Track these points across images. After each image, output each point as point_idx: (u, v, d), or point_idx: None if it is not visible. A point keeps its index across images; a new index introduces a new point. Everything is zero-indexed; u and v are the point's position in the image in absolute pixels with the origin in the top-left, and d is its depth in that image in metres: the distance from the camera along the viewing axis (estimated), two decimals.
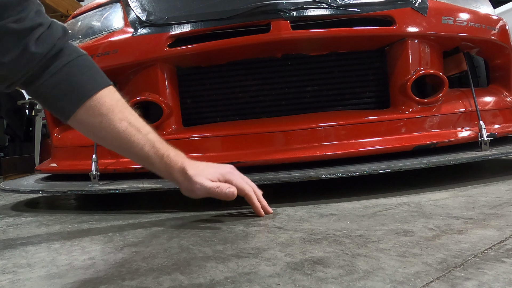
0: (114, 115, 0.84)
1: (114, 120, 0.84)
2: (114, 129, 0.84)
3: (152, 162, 0.89)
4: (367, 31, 1.30)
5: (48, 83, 0.82)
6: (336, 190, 1.25)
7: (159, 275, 0.61)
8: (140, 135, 0.87)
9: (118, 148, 0.90)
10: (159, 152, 0.89)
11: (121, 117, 0.85)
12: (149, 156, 0.88)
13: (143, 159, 0.90)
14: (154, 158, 0.89)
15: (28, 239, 0.92)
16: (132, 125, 0.87)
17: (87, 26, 1.48)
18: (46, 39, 0.80)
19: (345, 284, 0.53)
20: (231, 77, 1.40)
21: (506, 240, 0.66)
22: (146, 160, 0.89)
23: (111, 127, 0.84)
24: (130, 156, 0.91)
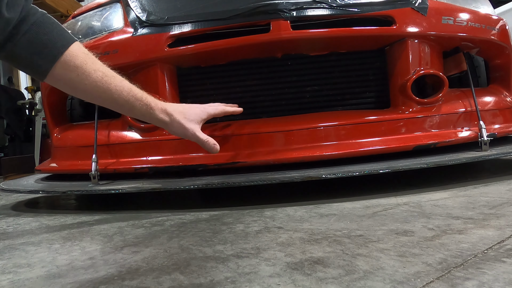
0: (88, 66, 0.86)
1: (89, 71, 0.86)
2: (91, 80, 0.87)
3: (133, 106, 0.93)
4: (367, 31, 1.30)
5: (22, 44, 0.84)
6: (336, 190, 1.25)
7: (159, 275, 0.61)
8: (116, 81, 0.91)
9: (99, 98, 0.92)
10: (137, 95, 0.94)
11: (95, 68, 0.88)
12: (129, 100, 0.92)
13: (123, 105, 0.93)
14: (134, 101, 0.93)
15: (28, 239, 0.92)
16: (106, 74, 0.90)
17: (87, 26, 1.48)
18: (15, 2, 0.82)
19: (345, 284, 0.53)
20: (231, 77, 1.40)
21: (506, 240, 0.66)
22: (126, 105, 0.93)
23: (88, 78, 0.86)
24: (111, 104, 0.93)
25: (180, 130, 1.02)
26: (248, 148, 1.26)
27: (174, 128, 1.02)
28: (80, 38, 1.46)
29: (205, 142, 1.04)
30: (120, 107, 0.95)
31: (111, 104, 0.94)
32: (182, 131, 1.02)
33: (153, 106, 0.97)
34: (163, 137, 1.32)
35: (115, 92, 0.90)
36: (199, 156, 1.28)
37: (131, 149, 1.34)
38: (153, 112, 0.97)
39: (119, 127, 1.38)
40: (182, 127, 1.02)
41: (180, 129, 1.02)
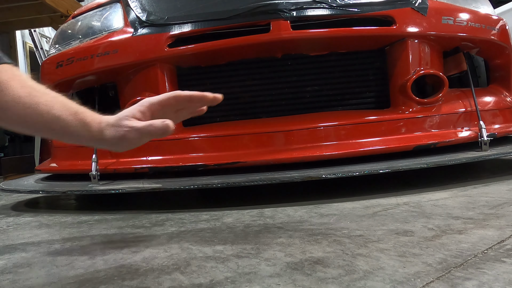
0: (14, 82, 0.72)
1: (14, 87, 0.72)
2: (13, 94, 0.72)
3: (66, 124, 0.73)
4: (367, 31, 1.30)
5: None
6: (336, 190, 1.24)
7: (159, 275, 0.61)
8: (48, 96, 0.74)
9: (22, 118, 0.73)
10: (71, 109, 0.74)
11: (23, 84, 0.73)
12: (61, 116, 0.73)
13: (53, 122, 0.73)
14: (67, 117, 0.73)
15: (28, 239, 0.92)
16: (38, 90, 0.74)
17: (87, 26, 1.48)
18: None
19: (345, 284, 0.53)
20: (231, 77, 1.40)
21: (506, 240, 0.66)
22: (57, 122, 0.73)
23: (12, 93, 0.72)
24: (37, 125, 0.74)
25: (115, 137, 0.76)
26: (248, 148, 1.26)
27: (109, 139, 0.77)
28: (80, 38, 1.46)
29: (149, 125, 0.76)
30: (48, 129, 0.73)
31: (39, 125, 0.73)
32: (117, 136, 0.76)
33: (90, 122, 0.75)
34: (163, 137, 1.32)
35: (44, 108, 0.72)
36: (199, 156, 1.28)
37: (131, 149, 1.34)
38: (89, 129, 0.75)
39: None
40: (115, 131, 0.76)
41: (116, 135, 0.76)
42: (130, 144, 0.77)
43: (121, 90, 1.41)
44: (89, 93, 1.52)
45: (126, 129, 0.76)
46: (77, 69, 1.39)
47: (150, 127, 0.75)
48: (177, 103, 0.81)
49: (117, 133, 0.76)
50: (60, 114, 0.73)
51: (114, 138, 0.76)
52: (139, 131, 0.76)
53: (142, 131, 0.75)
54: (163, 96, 0.80)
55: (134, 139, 0.76)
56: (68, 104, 0.75)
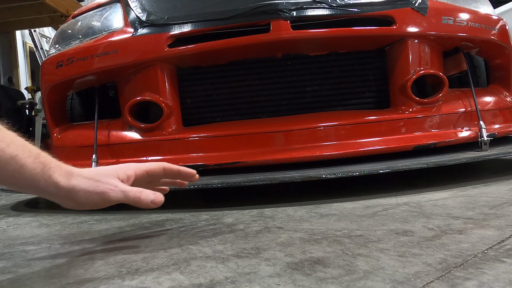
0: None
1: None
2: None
3: (22, 164, 0.61)
4: (367, 31, 1.30)
5: None
6: (336, 190, 1.24)
7: (159, 275, 0.61)
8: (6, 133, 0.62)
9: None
10: (33, 151, 0.64)
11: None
12: (18, 156, 0.61)
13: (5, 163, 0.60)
14: (25, 158, 0.62)
15: (28, 239, 0.92)
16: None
17: (87, 26, 1.48)
18: None
19: (345, 284, 0.53)
20: (231, 77, 1.40)
21: (506, 240, 0.66)
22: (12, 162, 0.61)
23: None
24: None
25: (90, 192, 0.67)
26: (248, 148, 1.26)
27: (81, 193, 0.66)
28: (80, 38, 1.46)
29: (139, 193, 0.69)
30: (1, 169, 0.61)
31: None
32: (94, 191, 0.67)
33: (52, 167, 0.64)
34: (163, 137, 1.32)
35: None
36: (199, 156, 1.28)
37: (131, 149, 1.34)
38: (51, 175, 0.64)
39: (119, 127, 1.38)
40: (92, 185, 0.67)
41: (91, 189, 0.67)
42: (104, 204, 0.69)
43: (121, 90, 1.41)
44: (89, 93, 1.53)
45: (109, 187, 0.67)
46: (77, 69, 1.39)
47: (141, 195, 0.69)
48: (165, 175, 0.78)
49: (95, 189, 0.67)
50: (17, 153, 0.61)
51: (89, 193, 0.67)
52: (126, 194, 0.68)
53: (129, 195, 0.68)
54: (152, 166, 0.76)
55: (113, 200, 0.68)
56: (29, 146, 0.64)
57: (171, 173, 0.79)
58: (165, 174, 0.78)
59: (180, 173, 0.80)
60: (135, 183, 0.73)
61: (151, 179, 0.77)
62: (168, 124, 1.34)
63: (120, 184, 0.69)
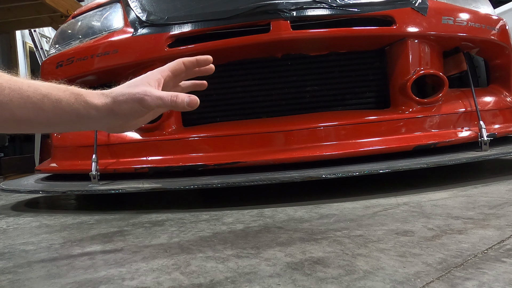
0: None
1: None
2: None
3: (56, 99, 0.62)
4: (367, 31, 1.30)
5: None
6: (336, 190, 1.24)
7: (159, 275, 0.61)
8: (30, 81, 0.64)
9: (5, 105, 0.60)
10: (62, 87, 0.65)
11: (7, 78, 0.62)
12: (50, 93, 0.62)
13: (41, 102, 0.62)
14: (57, 92, 0.63)
15: (28, 239, 0.92)
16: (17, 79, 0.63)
17: (87, 26, 1.48)
18: None
19: (345, 284, 0.53)
20: (231, 77, 1.40)
21: (506, 240, 0.66)
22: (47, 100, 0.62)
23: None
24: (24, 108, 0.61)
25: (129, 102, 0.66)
26: (248, 148, 1.26)
27: (122, 104, 0.66)
28: (80, 38, 1.46)
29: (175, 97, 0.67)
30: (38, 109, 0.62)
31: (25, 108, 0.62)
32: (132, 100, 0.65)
33: (83, 93, 0.65)
34: (163, 137, 1.32)
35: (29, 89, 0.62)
36: (199, 156, 1.28)
37: (131, 149, 1.34)
38: (87, 101, 0.64)
39: None
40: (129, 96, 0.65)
41: (129, 100, 0.65)
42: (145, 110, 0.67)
43: None
44: None
45: (145, 94, 0.65)
46: (77, 69, 1.39)
47: (177, 99, 0.66)
48: (186, 68, 0.76)
49: (133, 97, 0.65)
50: (48, 92, 0.63)
51: (128, 103, 0.65)
52: (162, 99, 0.66)
53: (165, 100, 0.66)
54: (173, 64, 0.74)
55: (152, 105, 0.66)
56: (57, 85, 0.65)
57: (190, 65, 0.77)
58: (186, 67, 0.76)
59: (198, 61, 0.78)
60: (165, 85, 0.72)
61: (176, 77, 0.76)
62: (168, 124, 1.34)
63: (154, 90, 0.67)
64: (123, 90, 0.66)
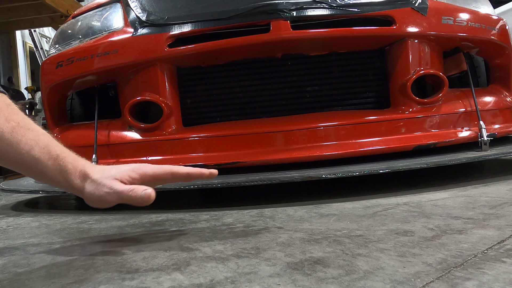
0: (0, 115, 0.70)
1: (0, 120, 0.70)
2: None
3: (43, 167, 0.71)
4: (367, 31, 1.30)
5: None
6: (336, 190, 1.25)
7: (159, 275, 0.61)
8: (30, 134, 0.72)
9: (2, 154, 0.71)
10: (53, 153, 0.73)
11: (9, 118, 0.71)
12: (40, 159, 0.71)
13: (31, 165, 0.71)
14: (46, 161, 0.71)
15: (28, 239, 0.92)
16: (22, 126, 0.72)
17: (87, 26, 1.48)
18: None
19: (345, 284, 0.53)
20: (231, 77, 1.40)
21: (506, 240, 0.66)
22: (35, 165, 0.71)
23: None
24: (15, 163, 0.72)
25: (92, 194, 0.74)
26: (248, 148, 1.26)
27: (86, 194, 0.75)
28: (80, 38, 1.46)
29: (130, 191, 0.73)
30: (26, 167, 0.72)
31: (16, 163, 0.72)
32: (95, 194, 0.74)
33: (69, 169, 0.73)
34: (163, 137, 1.32)
35: (24, 147, 0.70)
36: (199, 156, 1.28)
37: (131, 149, 1.34)
38: (68, 177, 0.73)
39: (119, 127, 1.38)
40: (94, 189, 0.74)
41: (92, 193, 0.74)
42: (106, 204, 0.76)
43: (121, 90, 1.41)
44: (89, 93, 1.53)
45: (106, 190, 0.74)
46: (77, 69, 1.39)
47: (131, 193, 0.73)
48: (173, 179, 0.80)
49: (96, 192, 0.74)
50: (39, 156, 0.71)
51: (92, 196, 0.75)
52: (119, 194, 0.74)
53: (122, 195, 0.74)
54: (159, 170, 0.79)
55: (112, 202, 0.75)
56: (50, 146, 0.73)
57: (180, 177, 0.81)
58: (173, 179, 0.80)
59: (190, 176, 0.81)
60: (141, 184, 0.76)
61: (158, 183, 0.80)
62: (168, 124, 1.34)
63: (117, 185, 0.74)
64: (96, 178, 0.75)
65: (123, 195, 0.74)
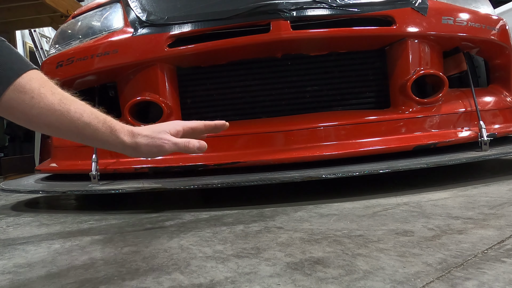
0: (45, 89, 0.77)
1: (46, 94, 0.76)
2: (47, 102, 0.76)
3: (95, 129, 0.80)
4: (367, 31, 1.30)
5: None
6: (336, 190, 1.25)
7: (159, 275, 0.61)
8: (77, 104, 0.79)
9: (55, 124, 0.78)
10: (100, 117, 0.81)
11: (53, 91, 0.78)
12: (90, 123, 0.79)
13: (83, 128, 0.79)
14: (96, 124, 0.80)
15: (28, 239, 0.92)
16: (65, 97, 0.79)
17: (87, 26, 1.48)
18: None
19: (345, 284, 0.53)
20: (231, 77, 1.40)
21: (506, 240, 0.66)
22: (88, 128, 0.79)
23: (44, 100, 0.76)
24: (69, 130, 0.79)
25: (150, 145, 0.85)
26: (248, 148, 1.26)
27: (143, 147, 0.84)
28: (80, 38, 1.46)
29: (187, 143, 0.87)
30: (80, 133, 0.80)
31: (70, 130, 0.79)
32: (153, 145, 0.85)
33: (117, 129, 0.82)
34: None
35: (75, 115, 0.78)
36: (199, 156, 1.28)
37: None
38: (118, 136, 0.82)
39: None
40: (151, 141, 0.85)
41: (150, 144, 0.84)
42: (162, 153, 0.86)
43: (121, 90, 1.41)
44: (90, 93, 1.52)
45: (163, 142, 0.85)
46: (77, 69, 1.39)
47: (189, 144, 0.87)
48: (205, 130, 0.95)
49: (154, 143, 0.85)
50: (90, 121, 0.79)
51: (149, 146, 0.84)
52: (177, 145, 0.85)
53: (179, 145, 0.85)
54: (195, 124, 0.93)
55: (168, 150, 0.86)
56: (96, 113, 0.81)
57: (210, 128, 0.95)
58: (206, 129, 0.94)
59: (216, 127, 0.96)
60: (183, 136, 0.89)
61: (195, 134, 0.93)
62: None
63: (171, 137, 0.86)
64: (148, 133, 0.85)
65: (180, 145, 0.85)
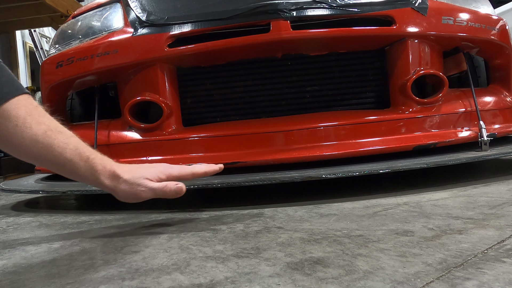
0: (32, 118, 0.75)
1: (31, 124, 0.75)
2: (31, 133, 0.75)
3: (76, 167, 0.79)
4: (367, 31, 1.30)
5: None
6: (336, 190, 1.25)
7: (159, 275, 0.61)
8: (62, 137, 0.78)
9: (36, 156, 0.78)
10: (84, 154, 0.80)
11: (40, 121, 0.77)
12: (72, 160, 0.78)
13: (64, 164, 0.79)
14: (78, 162, 0.79)
15: (28, 239, 0.92)
16: (52, 129, 0.78)
17: (87, 26, 1.48)
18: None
19: (345, 284, 0.53)
20: (231, 77, 1.40)
21: (506, 240, 0.66)
22: (69, 165, 0.79)
23: (28, 131, 0.75)
24: (50, 163, 0.80)
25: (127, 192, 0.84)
26: (248, 148, 1.26)
27: (120, 192, 0.84)
28: (80, 38, 1.46)
29: (164, 187, 0.85)
30: (61, 167, 0.80)
31: (52, 164, 0.79)
32: (130, 192, 0.84)
33: (99, 170, 0.81)
34: (163, 137, 1.32)
35: (57, 149, 0.77)
36: (199, 156, 1.28)
37: (131, 149, 1.34)
38: (98, 177, 0.81)
39: (119, 127, 1.38)
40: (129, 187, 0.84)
41: (128, 191, 0.84)
42: (138, 200, 0.86)
43: (121, 90, 1.41)
44: (89, 93, 1.53)
45: (141, 189, 0.84)
46: (77, 69, 1.39)
47: (165, 188, 0.85)
48: (193, 177, 0.92)
49: (131, 190, 0.84)
50: (71, 158, 0.79)
51: (127, 193, 0.85)
52: (154, 191, 0.85)
53: (156, 191, 0.85)
54: (183, 171, 0.90)
55: (145, 198, 0.86)
56: (81, 148, 0.81)
57: (199, 175, 0.93)
58: (193, 177, 0.92)
59: (206, 173, 0.94)
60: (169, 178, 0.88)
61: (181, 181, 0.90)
62: (168, 124, 1.34)
63: (150, 184, 0.85)
64: (128, 178, 0.84)
65: (157, 191, 0.85)
